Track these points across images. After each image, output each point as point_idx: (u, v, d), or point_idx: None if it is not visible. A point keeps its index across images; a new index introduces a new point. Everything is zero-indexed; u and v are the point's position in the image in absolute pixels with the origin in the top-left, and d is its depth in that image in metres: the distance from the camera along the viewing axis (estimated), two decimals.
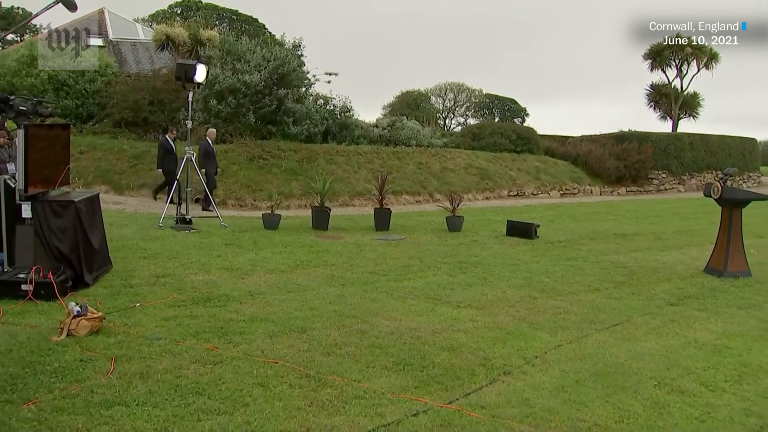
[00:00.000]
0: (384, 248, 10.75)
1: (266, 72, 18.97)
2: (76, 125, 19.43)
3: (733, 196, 9.56)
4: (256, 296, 7.11)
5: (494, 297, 7.62)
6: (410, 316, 6.62)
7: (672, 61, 41.16)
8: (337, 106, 22.06)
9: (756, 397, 4.87)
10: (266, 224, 12.38)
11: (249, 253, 9.67)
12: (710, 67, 40.71)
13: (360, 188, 18.33)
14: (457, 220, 13.29)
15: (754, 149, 36.36)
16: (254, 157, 17.94)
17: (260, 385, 4.58)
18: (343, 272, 8.66)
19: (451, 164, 22.46)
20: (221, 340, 5.54)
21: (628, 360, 5.55)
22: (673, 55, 40.66)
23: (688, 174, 30.45)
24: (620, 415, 4.41)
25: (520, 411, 4.37)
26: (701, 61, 40.27)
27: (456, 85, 73.07)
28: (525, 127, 31.44)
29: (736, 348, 6.06)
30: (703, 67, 40.70)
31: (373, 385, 4.67)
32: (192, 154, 12.33)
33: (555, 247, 11.71)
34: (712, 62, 40.54)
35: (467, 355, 5.44)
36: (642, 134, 29.39)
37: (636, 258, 10.82)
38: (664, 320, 6.95)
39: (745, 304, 7.88)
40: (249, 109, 18.61)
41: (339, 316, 6.48)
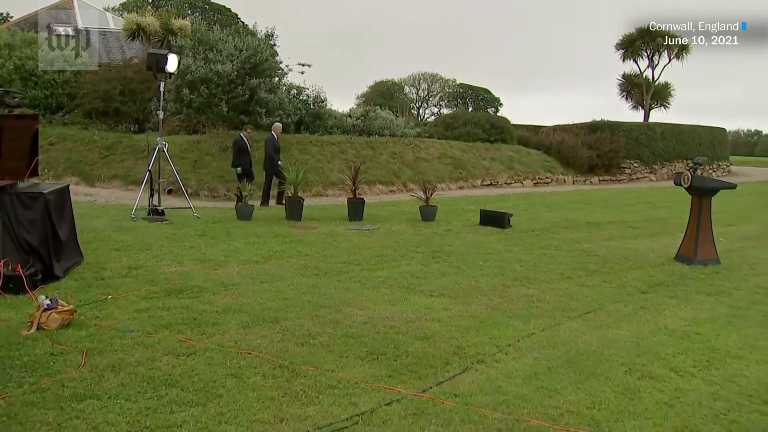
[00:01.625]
0: (357, 238, 10.73)
1: (238, 62, 18.79)
2: (45, 116, 19.06)
3: (703, 185, 9.68)
4: (229, 287, 7.06)
5: (467, 286, 7.65)
6: (384, 305, 6.62)
7: (644, 51, 41.59)
8: (310, 96, 21.93)
9: (723, 381, 4.96)
10: (239, 215, 12.30)
11: (222, 244, 9.60)
12: (681, 57, 41.22)
13: (333, 178, 18.29)
14: (431, 210, 13.31)
15: (723, 139, 36.91)
16: (227, 147, 17.74)
17: (233, 376, 4.56)
18: (317, 262, 8.64)
19: (424, 154, 22.48)
20: (194, 331, 5.49)
21: (600, 347, 5.60)
22: (645, 46, 41.09)
23: (659, 163, 30.82)
24: (592, 401, 4.45)
25: (493, 399, 4.39)
26: (672, 52, 40.74)
27: (430, 75, 73.06)
28: (498, 117, 31.56)
29: (704, 334, 6.15)
30: (674, 58, 41.20)
31: (347, 375, 4.67)
32: (164, 144, 12.20)
33: (528, 236, 11.78)
34: (682, 53, 41.04)
35: (440, 344, 5.46)
36: (614, 124, 29.65)
37: (608, 246, 10.93)
38: (635, 307, 7.04)
39: (713, 290, 8.00)
40: (221, 99, 18.42)
41: (312, 306, 6.46)
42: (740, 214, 16.70)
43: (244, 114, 19.12)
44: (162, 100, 12.62)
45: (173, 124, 19.07)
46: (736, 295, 7.81)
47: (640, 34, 41.04)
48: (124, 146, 17.57)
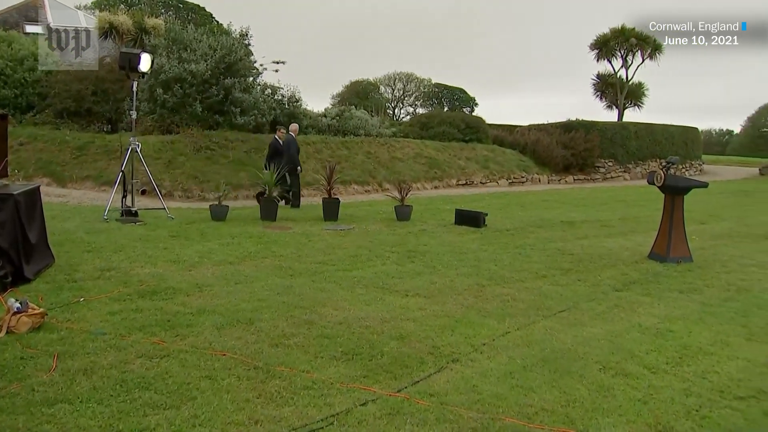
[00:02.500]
0: (332, 238, 10.72)
1: (213, 61, 18.67)
2: (15, 116, 18.75)
3: (676, 183, 9.80)
4: (203, 288, 7.01)
5: (442, 285, 7.67)
6: (359, 305, 6.62)
7: (617, 51, 42.05)
8: (285, 95, 21.86)
9: (695, 377, 5.02)
10: (214, 215, 12.22)
11: (196, 245, 9.53)
12: (654, 57, 41.75)
13: (309, 178, 18.20)
14: (406, 210, 13.33)
15: (696, 138, 37.39)
16: (201, 147, 17.66)
17: (208, 377, 4.53)
18: (292, 263, 8.61)
19: (400, 154, 22.51)
20: (168, 333, 5.45)
21: (574, 345, 5.65)
22: (619, 46, 41.54)
23: (633, 162, 31.16)
24: (566, 399, 4.49)
25: (468, 398, 4.41)
26: (645, 52, 41.25)
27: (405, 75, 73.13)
28: (474, 117, 31.68)
29: (677, 331, 6.22)
30: (647, 58, 41.71)
31: (322, 376, 4.66)
32: (137, 144, 12.09)
33: (503, 235, 11.84)
34: (656, 53, 41.57)
35: (416, 344, 5.47)
36: (588, 123, 29.92)
37: (582, 245, 11.02)
38: (609, 305, 7.10)
39: (686, 288, 8.10)
40: (196, 99, 18.29)
41: (287, 306, 6.44)
42: (712, 213, 16.93)
43: (218, 114, 19.01)
44: (135, 99, 12.49)
45: (147, 124, 18.88)
46: (707, 293, 7.91)
47: (614, 34, 41.52)
48: (97, 146, 17.36)
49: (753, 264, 9.83)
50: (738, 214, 16.98)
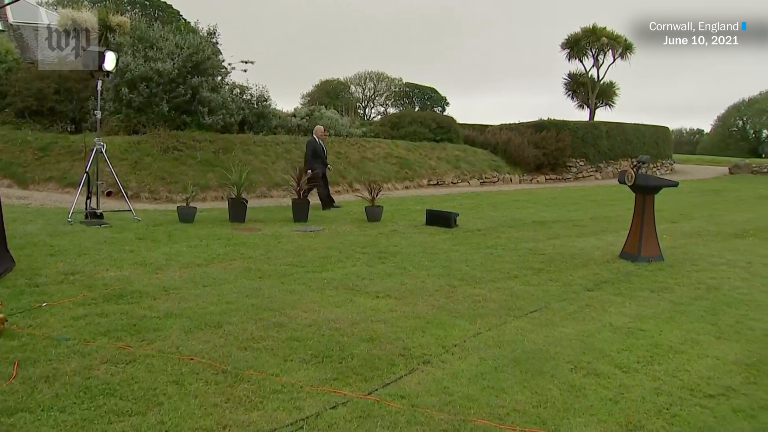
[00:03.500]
0: (302, 239, 10.68)
1: (180, 60, 18.49)
2: None
3: (646, 183, 9.91)
4: (170, 291, 6.94)
5: (413, 286, 7.69)
6: (329, 307, 6.61)
7: (589, 50, 42.52)
8: (253, 95, 21.74)
9: (666, 376, 5.10)
10: (181, 217, 12.10)
11: (163, 247, 9.43)
12: (625, 57, 42.30)
13: (278, 179, 18.15)
14: (376, 210, 13.34)
15: (666, 137, 37.88)
16: (168, 148, 17.46)
17: (175, 382, 4.48)
18: (261, 265, 8.56)
19: (370, 154, 22.51)
20: (134, 338, 5.39)
21: (546, 345, 5.70)
22: (590, 45, 42.00)
23: (605, 161, 31.46)
24: (538, 399, 4.52)
25: (440, 399, 4.43)
26: (616, 51, 41.78)
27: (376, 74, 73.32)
28: (445, 116, 31.77)
29: (648, 330, 6.31)
30: (618, 57, 42.24)
31: (292, 379, 4.64)
32: (102, 145, 11.95)
33: (474, 235, 11.90)
34: (627, 53, 42.13)
35: (386, 345, 5.47)
36: (560, 122, 30.11)
37: (554, 245, 11.11)
38: (580, 305, 7.17)
39: (657, 287, 8.21)
40: (162, 99, 18.10)
41: (256, 309, 6.41)
42: (683, 212, 17.20)
43: (186, 114, 18.84)
44: (100, 99, 12.33)
45: (112, 124, 18.61)
46: (678, 291, 8.03)
47: (585, 33, 41.98)
48: (60, 147, 17.08)
49: (723, 262, 10.00)
50: (708, 213, 17.27)
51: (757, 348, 5.91)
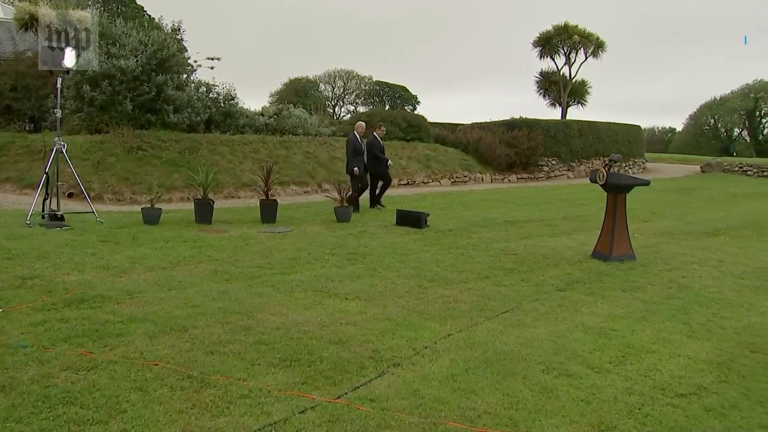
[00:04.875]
0: (270, 241, 10.64)
1: (144, 57, 18.33)
2: None
3: (618, 181, 10.02)
4: (134, 295, 6.87)
5: (383, 288, 7.69)
6: (297, 310, 6.59)
7: (560, 48, 42.92)
8: (220, 93, 21.61)
9: (638, 376, 5.16)
10: (146, 219, 11.98)
11: (127, 250, 9.33)
12: (597, 55, 42.78)
13: (246, 179, 18.06)
14: (346, 211, 13.32)
15: (639, 136, 38.32)
16: (132, 147, 17.27)
17: (138, 389, 4.43)
18: (228, 267, 8.51)
19: (339, 153, 22.45)
20: (96, 343, 5.31)
21: (518, 346, 5.73)
22: (562, 43, 42.40)
23: (577, 160, 31.70)
24: (509, 401, 4.55)
25: (410, 402, 4.43)
26: (588, 50, 42.23)
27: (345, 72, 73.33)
28: (415, 115, 31.84)
29: (620, 330, 6.38)
30: (590, 55, 42.70)
31: (259, 383, 4.62)
32: (63, 144, 11.78)
33: (445, 235, 11.94)
34: (598, 51, 42.60)
35: (356, 348, 5.47)
36: (532, 121, 30.25)
37: (526, 245, 11.19)
38: (552, 305, 7.23)
39: (629, 286, 8.31)
40: (126, 97, 17.91)
41: (223, 312, 6.37)
42: (655, 210, 17.42)
43: (150, 113, 18.66)
44: (60, 97, 12.15)
45: (73, 123, 18.38)
46: (650, 291, 8.14)
47: (557, 31, 42.38)
48: (18, 147, 16.82)
49: (694, 261, 10.15)
50: (680, 212, 17.52)
51: (728, 346, 6.01)
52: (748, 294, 8.17)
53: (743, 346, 6.05)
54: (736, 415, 4.49)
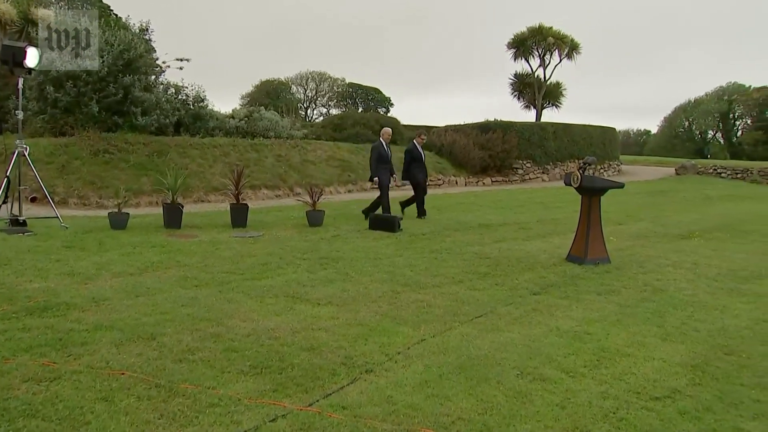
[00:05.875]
0: (241, 246, 10.58)
1: (110, 57, 18.17)
2: None
3: (592, 184, 10.11)
4: (100, 302, 6.78)
5: (356, 293, 7.68)
6: (268, 316, 6.55)
7: (535, 50, 43.28)
8: (189, 95, 21.49)
9: (613, 380, 5.19)
10: (113, 224, 11.86)
11: (93, 256, 9.23)
12: (572, 57, 43.20)
13: (216, 183, 17.96)
14: (318, 215, 13.30)
15: (614, 138, 38.73)
16: (99, 151, 17.11)
17: (104, 399, 4.37)
18: (197, 273, 8.45)
19: (312, 156, 22.46)
20: (59, 353, 5.23)
21: (492, 351, 5.74)
22: (536, 45, 42.76)
23: (551, 163, 31.91)
24: (483, 406, 4.55)
25: (383, 409, 4.42)
26: (563, 51, 42.63)
27: (318, 74, 73.25)
28: (388, 118, 31.97)
29: (595, 333, 6.42)
30: (565, 57, 43.11)
31: (229, 391, 4.58)
32: (25, 147, 11.62)
33: (419, 239, 11.97)
34: (573, 53, 43.03)
35: (328, 354, 5.45)
36: (506, 123, 30.40)
37: (500, 248, 11.24)
38: (527, 309, 7.25)
39: (604, 290, 8.36)
40: (92, 98, 17.75)
41: (192, 319, 6.31)
42: (630, 213, 17.62)
43: (117, 115, 18.50)
44: (21, 98, 11.99)
45: (36, 126, 18.17)
46: (625, 294, 8.20)
47: (531, 33, 42.73)
48: None
49: (669, 264, 10.26)
50: (655, 214, 17.73)
51: (702, 349, 6.08)
52: (722, 296, 8.27)
53: (717, 348, 6.12)
54: (710, 417, 4.54)
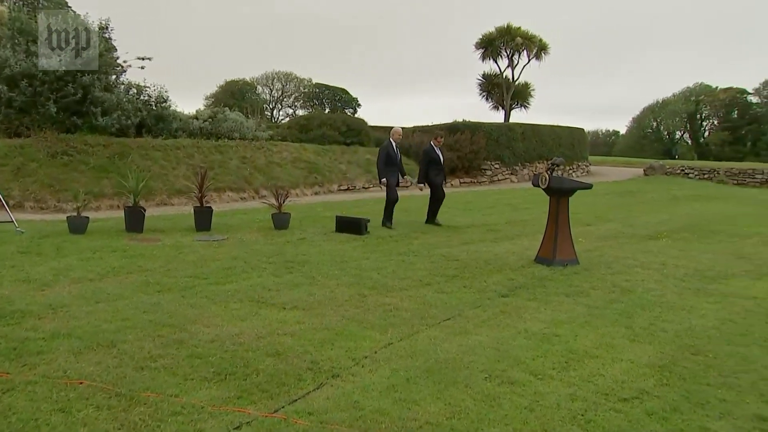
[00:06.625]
0: (205, 250, 10.50)
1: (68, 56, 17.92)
2: None
3: (560, 185, 10.21)
4: (58, 309, 6.67)
5: (322, 297, 7.67)
6: (233, 321, 6.52)
7: (503, 50, 43.57)
8: (152, 95, 21.26)
9: (581, 381, 5.25)
10: (72, 228, 11.68)
11: (51, 262, 9.09)
12: (540, 57, 43.58)
13: (179, 185, 17.80)
14: (284, 217, 13.24)
15: (582, 139, 39.11)
16: (57, 152, 16.85)
17: (60, 410, 4.29)
18: (160, 277, 8.37)
19: (277, 158, 22.38)
20: (13, 363, 5.13)
21: (460, 354, 5.77)
22: (505, 45, 43.04)
23: (520, 164, 32.13)
24: (451, 411, 4.57)
25: (350, 414, 4.42)
26: (531, 52, 42.98)
27: (284, 74, 73.12)
28: (355, 118, 31.91)
29: (563, 335, 6.48)
30: (533, 58, 43.47)
31: (192, 399, 4.55)
32: None
33: (386, 241, 11.99)
34: (542, 53, 43.41)
35: (293, 360, 5.44)
36: (474, 124, 30.55)
37: (468, 250, 11.30)
38: (495, 312, 7.30)
39: (572, 291, 8.45)
40: (49, 98, 17.47)
41: (154, 325, 6.25)
42: (598, 214, 17.83)
43: (76, 115, 18.24)
44: None
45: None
46: (593, 295, 8.29)
47: (499, 33, 43.02)
48: None
49: (637, 265, 10.40)
50: (623, 215, 17.96)
51: (670, 349, 6.17)
52: (689, 296, 8.41)
53: (684, 348, 6.22)
54: (677, 418, 4.61)
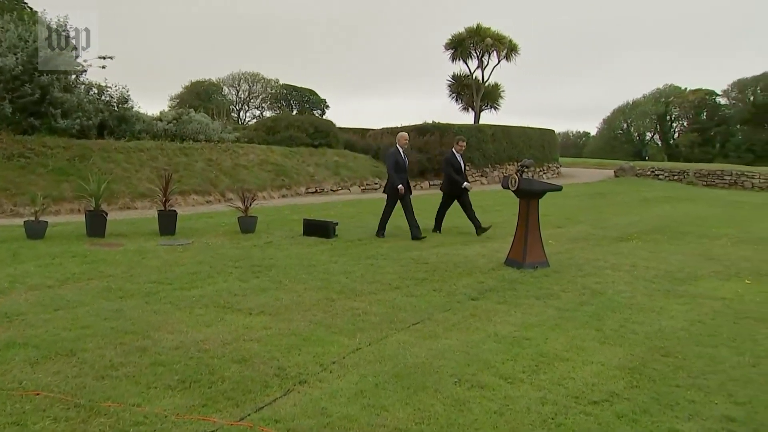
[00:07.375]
0: (169, 254, 10.40)
1: (25, 54, 17.64)
2: None
3: (530, 187, 10.28)
4: (13, 318, 6.55)
5: (289, 301, 7.64)
6: (197, 327, 6.46)
7: (473, 51, 43.77)
8: (113, 96, 21.05)
9: (551, 385, 5.27)
10: (29, 233, 11.50)
11: (7, 268, 8.94)
12: (510, 58, 43.86)
13: (143, 189, 17.63)
14: (250, 221, 13.18)
15: (553, 140, 39.38)
16: (13, 155, 16.58)
17: (15, 423, 4.20)
18: (122, 283, 8.27)
19: (243, 160, 22.29)
20: None
21: (429, 358, 5.78)
22: (474, 46, 43.26)
23: (490, 166, 32.25)
24: (421, 416, 4.57)
25: (318, 421, 4.40)
26: (501, 53, 43.25)
27: (251, 75, 72.85)
28: (323, 120, 31.88)
29: (533, 338, 6.51)
30: (503, 59, 43.74)
31: (155, 408, 4.49)
32: None
33: (354, 245, 11.98)
34: (512, 54, 43.70)
35: (260, 366, 5.40)
36: (444, 126, 30.59)
37: (438, 253, 11.33)
38: (464, 315, 7.32)
39: (543, 294, 8.50)
40: (4, 99, 17.20)
41: (116, 332, 6.17)
42: (569, 216, 17.99)
43: (34, 116, 17.98)
44: None
45: None
46: (564, 297, 8.36)
47: (469, 33, 43.23)
48: None
49: (607, 267, 10.50)
50: (594, 217, 18.14)
51: (640, 351, 6.24)
52: (659, 298, 8.51)
53: (654, 350, 6.29)
54: (647, 420, 4.66)
